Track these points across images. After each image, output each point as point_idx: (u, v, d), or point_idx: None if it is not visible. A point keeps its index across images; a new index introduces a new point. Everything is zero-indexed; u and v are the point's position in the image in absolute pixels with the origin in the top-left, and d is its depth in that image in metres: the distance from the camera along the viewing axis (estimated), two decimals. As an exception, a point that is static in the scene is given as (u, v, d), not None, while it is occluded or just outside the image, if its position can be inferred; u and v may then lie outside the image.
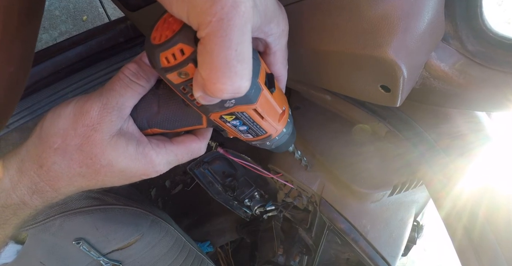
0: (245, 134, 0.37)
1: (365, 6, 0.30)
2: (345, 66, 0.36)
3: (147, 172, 0.36)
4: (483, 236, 0.42)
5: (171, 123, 0.37)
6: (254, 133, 0.36)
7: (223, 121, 0.34)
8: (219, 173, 1.07)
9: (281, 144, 0.42)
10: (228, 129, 0.37)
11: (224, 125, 0.35)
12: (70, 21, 1.85)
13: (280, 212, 0.93)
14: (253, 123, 0.34)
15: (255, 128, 0.35)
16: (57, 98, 0.72)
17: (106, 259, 0.77)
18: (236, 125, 0.34)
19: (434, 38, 0.32)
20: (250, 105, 0.31)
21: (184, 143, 0.38)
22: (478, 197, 0.43)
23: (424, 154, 0.52)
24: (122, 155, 0.34)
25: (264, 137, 0.38)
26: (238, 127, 0.35)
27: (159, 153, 0.36)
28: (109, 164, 0.34)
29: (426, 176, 0.52)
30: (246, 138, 0.38)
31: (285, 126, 0.39)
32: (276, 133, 0.38)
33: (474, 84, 0.34)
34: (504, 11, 0.30)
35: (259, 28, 0.27)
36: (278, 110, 0.36)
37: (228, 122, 0.34)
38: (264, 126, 0.35)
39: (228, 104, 0.30)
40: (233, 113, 0.32)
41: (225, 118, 0.33)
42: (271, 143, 0.40)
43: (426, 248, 2.01)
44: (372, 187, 0.65)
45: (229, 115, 0.32)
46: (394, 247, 0.73)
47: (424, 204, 0.84)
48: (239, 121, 0.33)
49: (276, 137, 0.39)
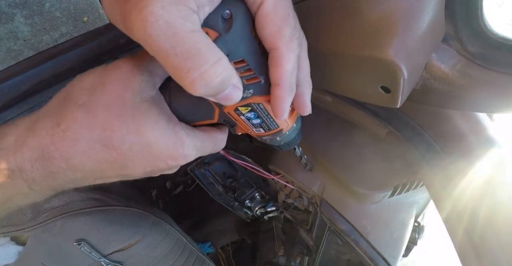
0: (257, 128, 0.36)
1: (365, 7, 0.30)
2: (345, 67, 0.36)
3: (176, 153, 0.32)
4: (483, 237, 0.42)
5: (182, 116, 0.35)
6: (267, 127, 0.36)
7: (237, 114, 0.33)
8: (219, 174, 1.07)
9: (289, 140, 0.42)
10: (240, 123, 0.36)
11: (238, 118, 0.34)
12: (71, 23, 1.85)
13: (280, 213, 0.93)
14: (268, 116, 0.34)
15: (269, 122, 0.35)
16: (58, 99, 0.72)
17: (107, 260, 0.76)
18: (250, 118, 0.34)
19: (434, 39, 0.32)
20: (266, 96, 0.31)
21: (209, 132, 0.36)
22: (478, 198, 0.43)
23: (424, 155, 0.52)
24: (153, 125, 0.30)
25: (276, 131, 0.38)
26: (251, 121, 0.35)
27: (189, 134, 0.33)
28: (136, 131, 0.29)
29: (427, 177, 0.52)
30: (257, 133, 0.38)
31: (296, 122, 0.39)
32: (287, 127, 0.38)
33: (475, 85, 0.34)
34: (504, 12, 0.30)
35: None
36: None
37: (243, 115, 0.33)
38: (277, 120, 0.35)
39: (246, 94, 0.30)
40: (249, 105, 0.32)
41: (240, 111, 0.33)
42: (281, 138, 0.40)
43: (427, 249, 2.01)
44: (373, 188, 0.65)
45: (245, 107, 0.32)
46: (394, 248, 0.72)
47: (425, 205, 0.84)
48: (253, 114, 0.33)
49: (286, 132, 0.39)
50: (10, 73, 0.67)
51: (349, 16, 0.31)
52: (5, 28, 1.71)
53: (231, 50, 0.26)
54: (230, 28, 0.25)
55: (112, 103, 0.28)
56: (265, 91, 0.30)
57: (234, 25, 0.25)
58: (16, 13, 1.71)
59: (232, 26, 0.25)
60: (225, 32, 0.25)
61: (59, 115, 0.29)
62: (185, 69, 0.22)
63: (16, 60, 1.71)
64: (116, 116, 0.28)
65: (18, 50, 1.77)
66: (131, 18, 0.22)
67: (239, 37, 0.26)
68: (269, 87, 0.30)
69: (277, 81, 0.28)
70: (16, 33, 1.74)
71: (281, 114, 0.31)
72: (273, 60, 0.28)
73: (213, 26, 0.24)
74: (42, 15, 1.77)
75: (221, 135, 0.38)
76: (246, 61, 0.27)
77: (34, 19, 1.76)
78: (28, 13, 1.74)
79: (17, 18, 1.72)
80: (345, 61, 0.35)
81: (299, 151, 0.52)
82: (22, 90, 0.68)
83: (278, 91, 0.29)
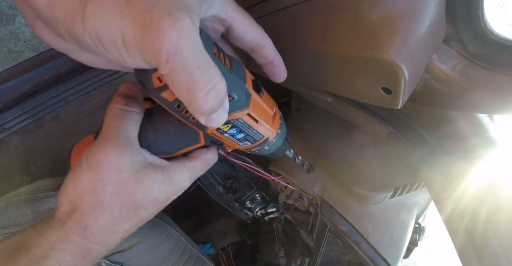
0: (243, 142, 0.37)
1: (366, 8, 0.30)
2: (346, 68, 0.36)
3: (177, 191, 0.38)
4: (484, 238, 0.41)
5: (171, 146, 0.38)
6: (252, 139, 0.37)
7: (220, 133, 0.35)
8: (220, 175, 1.07)
9: (278, 147, 0.43)
10: (226, 141, 0.37)
11: (222, 136, 0.36)
12: (72, 24, 1.85)
13: (281, 214, 0.93)
14: (249, 128, 0.35)
15: (252, 134, 0.36)
16: (59, 100, 0.72)
17: (108, 261, 0.76)
18: (234, 134, 0.35)
19: (435, 40, 0.32)
20: (244, 111, 0.32)
21: (199, 156, 0.40)
22: (479, 199, 0.43)
23: (425, 156, 0.52)
24: (154, 184, 0.35)
25: (262, 141, 0.38)
26: (235, 136, 0.36)
27: (182, 172, 0.38)
28: (145, 196, 0.35)
29: (428, 178, 0.52)
30: (245, 147, 0.39)
31: (280, 128, 0.40)
32: (272, 135, 0.39)
33: (476, 86, 0.34)
34: (505, 13, 0.30)
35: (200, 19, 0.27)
36: (270, 113, 0.37)
37: (226, 133, 0.35)
38: (260, 130, 0.36)
39: None
40: (229, 122, 0.33)
41: (222, 129, 0.34)
42: (269, 147, 0.41)
43: (428, 250, 2.00)
44: (374, 189, 0.65)
45: (225, 125, 0.33)
46: (395, 249, 0.72)
47: (426, 206, 0.84)
48: (236, 130, 0.34)
49: (273, 140, 0.40)
50: (11, 74, 0.67)
51: (349, 17, 0.31)
52: (6, 29, 1.71)
53: None
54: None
55: (117, 189, 0.33)
56: (241, 106, 0.32)
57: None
58: (17, 14, 1.71)
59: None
60: None
61: (79, 219, 0.33)
62: (203, 81, 0.24)
63: (17, 61, 1.71)
64: (125, 195, 0.34)
65: (19, 51, 1.77)
66: (159, 28, 0.21)
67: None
68: (245, 101, 0.32)
69: (270, 59, 0.34)
70: (17, 34, 1.74)
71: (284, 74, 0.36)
72: (263, 50, 0.33)
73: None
74: (43, 16, 1.77)
75: (211, 154, 0.42)
76: None
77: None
78: (29, 14, 1.74)
79: (18, 20, 1.72)
80: (346, 62, 0.35)
81: (291, 153, 0.53)
82: (23, 91, 0.69)
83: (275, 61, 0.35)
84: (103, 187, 0.33)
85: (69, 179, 0.34)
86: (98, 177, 0.33)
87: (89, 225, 0.33)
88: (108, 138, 0.33)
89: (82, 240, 0.34)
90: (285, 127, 0.42)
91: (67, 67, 0.72)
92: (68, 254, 0.33)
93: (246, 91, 0.32)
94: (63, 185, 0.35)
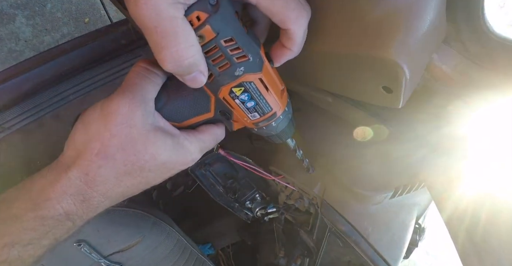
0: (252, 113, 0.38)
1: (367, 7, 0.30)
2: (347, 68, 0.36)
3: (186, 161, 0.38)
4: (485, 238, 0.41)
5: (180, 113, 0.39)
6: (261, 110, 0.38)
7: (232, 98, 0.36)
8: (220, 175, 1.07)
9: (284, 128, 0.44)
10: (236, 110, 0.38)
11: (233, 103, 0.37)
12: (72, 23, 1.85)
13: (281, 214, 0.93)
14: (260, 96, 0.36)
15: (262, 104, 0.37)
16: (59, 100, 0.72)
17: (107, 261, 0.76)
18: (245, 100, 0.36)
19: (436, 39, 0.32)
20: (257, 74, 0.34)
21: (208, 130, 0.41)
22: (480, 199, 0.43)
23: (425, 156, 0.52)
24: (163, 148, 0.35)
25: (270, 114, 0.39)
26: (246, 104, 0.37)
27: (192, 142, 0.39)
28: (152, 158, 0.35)
29: (428, 178, 0.52)
30: (253, 120, 0.40)
31: (287, 105, 0.42)
32: (280, 110, 0.40)
33: (476, 86, 0.34)
34: (506, 14, 0.30)
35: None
36: (279, 86, 0.39)
37: (237, 98, 0.36)
38: (270, 101, 0.38)
39: (238, 72, 0.33)
40: (242, 84, 0.34)
41: (234, 93, 0.35)
42: (276, 123, 0.42)
43: (428, 251, 2.00)
44: (374, 189, 0.64)
45: (239, 88, 0.35)
46: (395, 250, 0.72)
47: (426, 206, 0.83)
48: (247, 96, 0.36)
49: (280, 116, 0.41)
50: (11, 73, 0.67)
51: (350, 16, 0.31)
52: (7, 29, 1.72)
53: (221, 29, 0.29)
54: (218, 10, 0.29)
55: (124, 144, 0.33)
56: (255, 68, 0.34)
57: (220, 8, 0.29)
58: (17, 13, 1.71)
59: (219, 9, 0.29)
60: (213, 13, 0.28)
61: (82, 165, 0.34)
62: (160, 46, 0.27)
63: (17, 60, 1.71)
64: (132, 152, 0.34)
65: (20, 50, 1.77)
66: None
67: (226, 18, 0.30)
68: (259, 65, 0.34)
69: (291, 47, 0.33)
70: (17, 33, 1.74)
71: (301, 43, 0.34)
72: (286, 38, 0.32)
73: (203, 9, 0.28)
74: (44, 16, 1.77)
75: (219, 129, 0.42)
76: (235, 39, 0.31)
77: (36, 20, 1.76)
78: (30, 13, 1.74)
79: (18, 19, 1.72)
80: (346, 62, 0.35)
81: (293, 143, 0.53)
82: (23, 90, 0.69)
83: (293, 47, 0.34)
84: (110, 138, 0.33)
85: (78, 125, 0.35)
86: (107, 127, 0.33)
87: (91, 172, 0.34)
88: (125, 92, 0.34)
89: (83, 184, 0.34)
90: (291, 107, 0.43)
91: (67, 67, 0.72)
92: (69, 197, 0.34)
93: (260, 56, 0.34)
94: (72, 131, 0.35)
